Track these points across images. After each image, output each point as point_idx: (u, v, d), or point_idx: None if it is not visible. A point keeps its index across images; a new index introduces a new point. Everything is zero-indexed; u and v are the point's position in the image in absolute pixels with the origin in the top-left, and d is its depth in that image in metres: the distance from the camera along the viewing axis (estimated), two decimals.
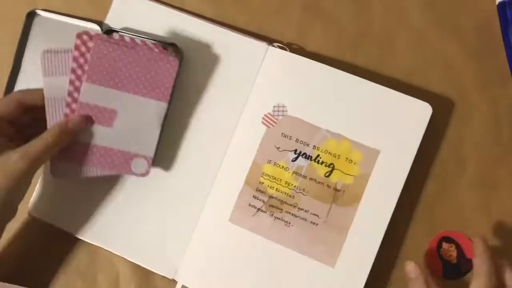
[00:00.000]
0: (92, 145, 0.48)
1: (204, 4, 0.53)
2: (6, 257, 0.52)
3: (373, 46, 0.52)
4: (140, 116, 0.48)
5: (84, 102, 0.47)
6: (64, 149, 0.47)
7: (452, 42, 0.52)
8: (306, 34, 0.53)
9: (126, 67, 0.47)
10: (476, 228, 0.50)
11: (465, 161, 0.51)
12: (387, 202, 0.48)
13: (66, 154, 0.47)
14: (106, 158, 0.48)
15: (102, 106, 0.47)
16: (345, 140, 0.49)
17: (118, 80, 0.47)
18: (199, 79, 0.52)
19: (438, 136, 0.51)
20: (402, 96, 0.49)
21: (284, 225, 0.49)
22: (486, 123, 0.51)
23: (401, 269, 0.50)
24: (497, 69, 0.51)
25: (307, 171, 0.49)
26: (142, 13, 0.52)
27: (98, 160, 0.48)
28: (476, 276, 0.43)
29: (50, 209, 0.52)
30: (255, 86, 0.51)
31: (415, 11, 0.52)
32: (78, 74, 0.47)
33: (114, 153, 0.48)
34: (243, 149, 0.50)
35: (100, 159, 0.48)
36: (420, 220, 0.51)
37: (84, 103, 0.47)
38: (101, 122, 0.47)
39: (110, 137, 0.48)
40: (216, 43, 0.52)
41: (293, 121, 0.50)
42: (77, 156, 0.48)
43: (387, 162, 0.49)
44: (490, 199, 0.51)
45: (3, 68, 0.53)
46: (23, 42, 0.53)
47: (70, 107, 0.47)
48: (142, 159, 0.49)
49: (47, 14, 0.53)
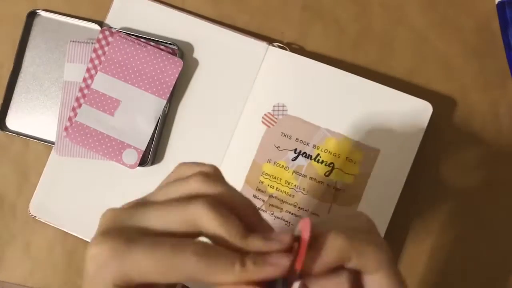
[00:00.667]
0: (92, 129, 0.50)
1: (204, 4, 0.53)
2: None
3: (373, 45, 0.52)
4: (139, 109, 0.50)
5: (95, 89, 0.50)
6: (69, 128, 0.50)
7: (452, 42, 0.52)
8: (306, 33, 0.53)
9: (136, 63, 0.50)
10: (475, 228, 0.50)
11: (465, 161, 0.51)
12: (387, 202, 0.48)
13: (71, 133, 0.50)
14: (102, 144, 0.50)
15: (109, 95, 0.50)
16: (345, 139, 0.49)
17: (127, 74, 0.50)
18: (199, 78, 0.52)
19: (438, 136, 0.51)
20: (403, 95, 0.49)
21: (284, 225, 0.49)
22: (486, 123, 0.51)
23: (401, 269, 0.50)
24: (497, 69, 0.51)
25: (307, 171, 0.49)
26: (143, 13, 0.52)
27: (94, 144, 0.50)
28: None
29: (50, 209, 0.52)
30: (255, 85, 0.51)
31: (415, 11, 0.52)
32: (94, 64, 0.50)
33: (110, 141, 0.50)
34: (243, 149, 0.50)
35: (96, 143, 0.50)
36: (420, 219, 0.51)
37: (95, 90, 0.50)
38: (105, 110, 0.50)
39: (109, 125, 0.50)
40: (216, 43, 0.52)
41: (293, 120, 0.50)
42: (80, 137, 0.50)
43: (387, 162, 0.49)
44: (491, 199, 0.51)
45: (4, 68, 0.54)
46: (24, 42, 0.53)
47: (82, 92, 0.50)
48: (134, 151, 0.50)
49: (47, 14, 0.53)
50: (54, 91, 0.53)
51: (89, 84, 0.51)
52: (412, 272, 0.50)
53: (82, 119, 0.50)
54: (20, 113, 0.53)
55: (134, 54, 0.50)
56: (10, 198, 0.53)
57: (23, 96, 0.53)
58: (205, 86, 0.52)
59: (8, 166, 0.54)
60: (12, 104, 0.53)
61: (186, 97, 0.52)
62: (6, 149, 0.54)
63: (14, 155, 0.54)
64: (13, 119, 0.53)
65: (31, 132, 0.52)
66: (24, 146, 0.53)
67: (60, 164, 0.52)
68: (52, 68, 0.53)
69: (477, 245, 0.50)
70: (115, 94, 0.50)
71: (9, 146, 0.54)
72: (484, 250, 0.50)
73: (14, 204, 0.53)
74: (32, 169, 0.53)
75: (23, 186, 0.53)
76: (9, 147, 0.54)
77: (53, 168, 0.52)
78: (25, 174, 0.53)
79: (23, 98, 0.53)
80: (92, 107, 0.50)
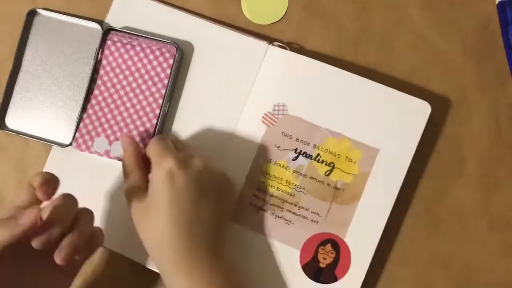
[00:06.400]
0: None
1: (204, 3, 0.53)
2: None
3: (373, 45, 0.52)
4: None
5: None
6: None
7: (452, 42, 0.52)
8: (306, 33, 0.53)
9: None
10: (474, 228, 0.51)
11: (464, 160, 0.51)
12: (386, 201, 0.49)
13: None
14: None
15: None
16: (345, 139, 0.49)
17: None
18: (199, 78, 0.52)
19: (438, 136, 0.51)
20: (402, 95, 0.49)
21: (285, 224, 0.49)
22: (485, 123, 0.51)
23: (401, 268, 0.50)
24: (497, 69, 0.52)
25: (308, 170, 0.50)
26: (143, 12, 0.52)
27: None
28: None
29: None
30: (255, 85, 0.51)
31: (415, 11, 0.52)
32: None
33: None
34: (243, 148, 0.50)
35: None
36: (419, 219, 0.51)
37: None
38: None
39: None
40: (216, 42, 0.52)
41: (293, 120, 0.50)
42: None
43: (386, 161, 0.49)
44: (490, 199, 0.51)
45: (4, 67, 0.53)
46: (24, 40, 0.53)
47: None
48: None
49: (47, 13, 0.53)
50: (53, 90, 0.52)
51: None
52: (412, 271, 0.51)
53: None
54: (19, 112, 0.53)
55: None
56: (9, 198, 0.53)
57: (23, 95, 0.53)
58: (205, 85, 0.52)
59: (8, 165, 0.53)
60: (11, 103, 0.53)
61: (186, 97, 0.52)
62: (5, 148, 0.53)
63: (13, 154, 0.53)
64: (12, 118, 0.53)
65: (30, 131, 0.52)
66: (24, 145, 0.53)
67: (60, 163, 0.52)
68: (51, 67, 0.53)
69: (477, 244, 0.51)
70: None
71: (9, 145, 0.53)
72: (483, 247, 0.51)
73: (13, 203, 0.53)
74: (31, 168, 0.53)
75: (22, 185, 0.53)
76: (9, 146, 0.53)
77: (52, 168, 0.52)
78: (25, 173, 0.53)
79: (23, 97, 0.53)
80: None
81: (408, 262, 0.51)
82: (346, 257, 0.49)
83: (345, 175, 0.49)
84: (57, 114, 0.52)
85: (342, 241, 0.49)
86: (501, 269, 0.50)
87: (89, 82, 0.51)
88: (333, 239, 0.49)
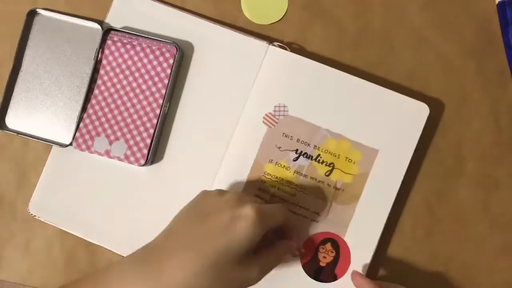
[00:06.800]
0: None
1: (205, 3, 0.53)
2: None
3: (373, 46, 0.52)
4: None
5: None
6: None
7: (452, 42, 0.52)
8: (306, 33, 0.53)
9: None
10: (474, 228, 0.51)
11: (464, 161, 0.51)
12: (385, 201, 0.49)
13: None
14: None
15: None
16: (345, 140, 0.50)
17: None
18: (200, 78, 0.52)
19: (438, 135, 0.51)
20: (400, 97, 0.49)
21: None
22: (485, 123, 0.51)
23: (401, 267, 0.50)
24: (497, 69, 0.52)
25: (308, 171, 0.50)
26: (143, 12, 0.52)
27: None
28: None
29: (49, 208, 0.52)
30: (256, 85, 0.51)
31: (415, 11, 0.52)
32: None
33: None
34: (244, 149, 0.50)
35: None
36: (418, 219, 0.51)
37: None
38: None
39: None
40: (216, 43, 0.52)
41: (294, 121, 0.50)
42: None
43: (386, 161, 0.49)
44: (490, 199, 0.51)
45: (4, 66, 0.53)
46: (24, 40, 0.53)
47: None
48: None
49: (47, 13, 0.53)
50: (53, 90, 0.52)
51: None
52: (412, 271, 0.51)
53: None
54: (19, 112, 0.53)
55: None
56: (9, 197, 0.53)
57: (23, 95, 0.53)
58: (205, 85, 0.52)
59: (8, 165, 0.53)
60: (11, 103, 0.53)
61: (186, 97, 0.52)
62: (5, 148, 0.53)
63: (13, 154, 0.53)
64: (12, 118, 0.53)
65: (30, 131, 0.52)
66: (24, 145, 0.53)
67: (60, 163, 0.52)
68: (52, 67, 0.53)
69: (477, 244, 0.51)
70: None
71: (9, 145, 0.53)
72: (483, 247, 0.51)
73: (13, 203, 0.53)
74: (31, 168, 0.53)
75: (22, 185, 0.53)
76: (9, 146, 0.53)
77: (52, 168, 0.52)
78: (25, 173, 0.53)
79: (23, 97, 0.53)
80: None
81: (408, 262, 0.51)
82: (346, 256, 0.49)
83: (345, 176, 0.49)
84: (57, 114, 0.52)
85: (342, 240, 0.49)
86: (501, 269, 0.51)
87: (89, 82, 0.51)
88: (333, 238, 0.49)
